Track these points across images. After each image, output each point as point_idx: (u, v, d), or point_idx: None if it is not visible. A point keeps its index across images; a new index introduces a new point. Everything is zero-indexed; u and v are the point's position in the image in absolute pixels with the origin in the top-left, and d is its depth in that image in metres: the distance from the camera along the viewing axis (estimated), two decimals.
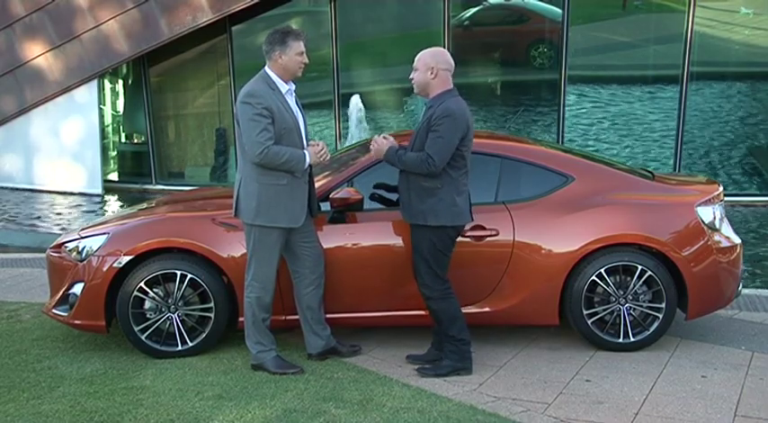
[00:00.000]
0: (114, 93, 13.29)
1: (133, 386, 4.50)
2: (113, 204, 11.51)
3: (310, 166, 4.66)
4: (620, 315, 4.96)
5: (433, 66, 4.52)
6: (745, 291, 6.11)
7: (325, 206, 4.91)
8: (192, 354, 4.95)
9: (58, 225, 9.73)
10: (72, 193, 12.08)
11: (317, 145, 4.67)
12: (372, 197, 5.02)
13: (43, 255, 5.69)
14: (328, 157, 4.75)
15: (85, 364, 4.91)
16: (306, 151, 4.59)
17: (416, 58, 4.59)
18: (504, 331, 5.35)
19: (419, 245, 4.57)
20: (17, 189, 12.36)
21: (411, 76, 4.61)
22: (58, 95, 12.01)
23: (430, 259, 4.53)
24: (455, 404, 4.20)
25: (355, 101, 11.00)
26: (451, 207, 4.48)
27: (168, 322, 4.94)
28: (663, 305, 4.94)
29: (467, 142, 4.51)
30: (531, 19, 11.94)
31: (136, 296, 4.89)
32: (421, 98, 4.65)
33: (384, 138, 4.65)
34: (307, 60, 4.65)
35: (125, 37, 11.57)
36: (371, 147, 4.69)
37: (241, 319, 4.84)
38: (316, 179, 4.95)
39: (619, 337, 4.98)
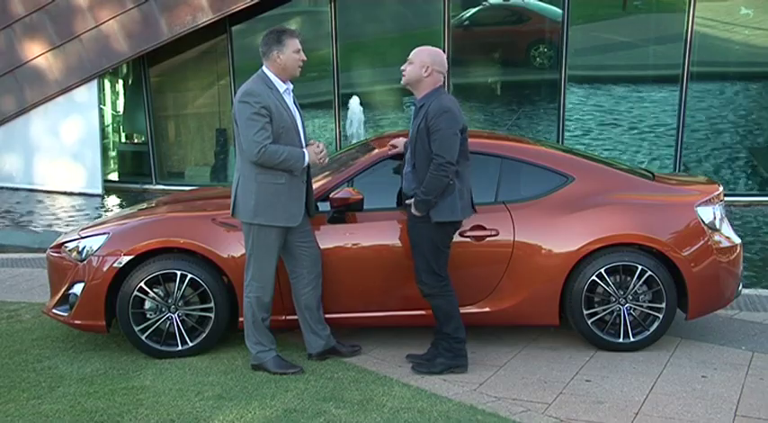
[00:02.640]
0: (114, 93, 13.29)
1: (133, 386, 4.50)
2: (113, 204, 11.50)
3: (309, 166, 4.66)
4: (620, 315, 4.96)
5: (428, 64, 4.54)
6: (745, 291, 6.11)
7: (326, 206, 4.91)
8: (192, 354, 4.95)
9: (58, 225, 9.73)
10: (72, 193, 12.08)
11: (318, 146, 4.67)
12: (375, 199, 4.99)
13: (43, 255, 5.69)
14: (326, 161, 4.77)
15: (85, 364, 4.91)
16: (305, 150, 4.60)
17: (413, 53, 4.60)
18: (504, 331, 5.35)
19: (418, 242, 4.57)
20: (17, 189, 12.36)
21: (403, 68, 4.62)
22: (57, 95, 12.01)
23: (428, 255, 4.54)
24: (455, 404, 4.20)
25: (356, 106, 11.03)
26: (459, 201, 4.50)
27: (168, 322, 4.94)
28: (663, 305, 4.94)
29: (466, 135, 4.54)
30: (531, 19, 11.94)
31: (136, 296, 4.89)
32: None
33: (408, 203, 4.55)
34: (304, 57, 4.66)
35: (125, 37, 11.58)
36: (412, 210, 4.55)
37: (241, 319, 4.84)
38: (315, 179, 4.95)
39: (619, 338, 4.98)
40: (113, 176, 13.10)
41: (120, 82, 13.30)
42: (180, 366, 4.79)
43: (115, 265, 4.89)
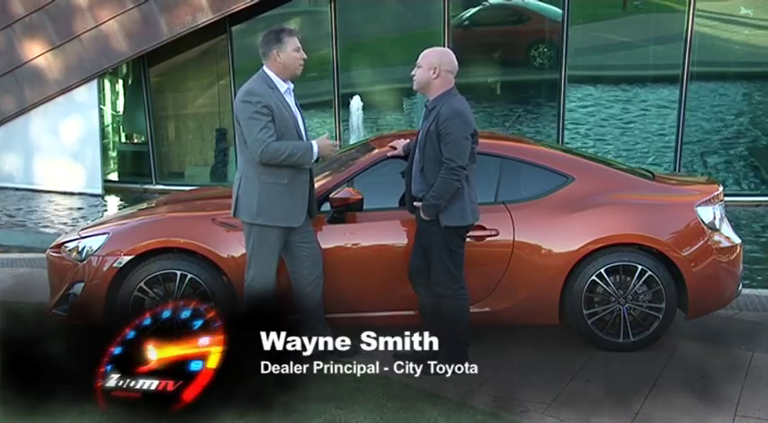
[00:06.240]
0: (114, 93, 13.28)
1: None
2: (113, 204, 11.50)
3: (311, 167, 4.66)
4: (619, 315, 4.96)
5: (436, 65, 4.52)
6: (745, 291, 6.11)
7: (326, 206, 4.91)
8: None
9: (58, 225, 9.73)
10: (72, 193, 12.07)
11: (328, 137, 4.64)
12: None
13: (43, 255, 5.68)
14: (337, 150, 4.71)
15: None
16: (313, 142, 4.56)
17: (421, 55, 4.58)
18: (505, 331, 5.34)
19: (430, 245, 4.53)
20: (17, 189, 12.35)
21: (413, 73, 4.60)
22: (57, 95, 12.00)
23: (443, 257, 4.51)
24: (455, 404, 4.20)
25: (356, 105, 11.02)
26: (469, 204, 4.49)
27: None
28: (663, 305, 4.95)
29: (476, 138, 4.52)
30: (531, 19, 11.94)
31: (136, 296, 4.89)
32: (421, 98, 4.64)
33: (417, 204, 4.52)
34: (305, 56, 4.65)
35: (125, 37, 11.57)
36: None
37: None
38: (315, 179, 4.95)
39: (619, 337, 4.98)
40: (113, 176, 13.09)
41: (120, 82, 13.29)
42: None
43: (115, 265, 4.89)
